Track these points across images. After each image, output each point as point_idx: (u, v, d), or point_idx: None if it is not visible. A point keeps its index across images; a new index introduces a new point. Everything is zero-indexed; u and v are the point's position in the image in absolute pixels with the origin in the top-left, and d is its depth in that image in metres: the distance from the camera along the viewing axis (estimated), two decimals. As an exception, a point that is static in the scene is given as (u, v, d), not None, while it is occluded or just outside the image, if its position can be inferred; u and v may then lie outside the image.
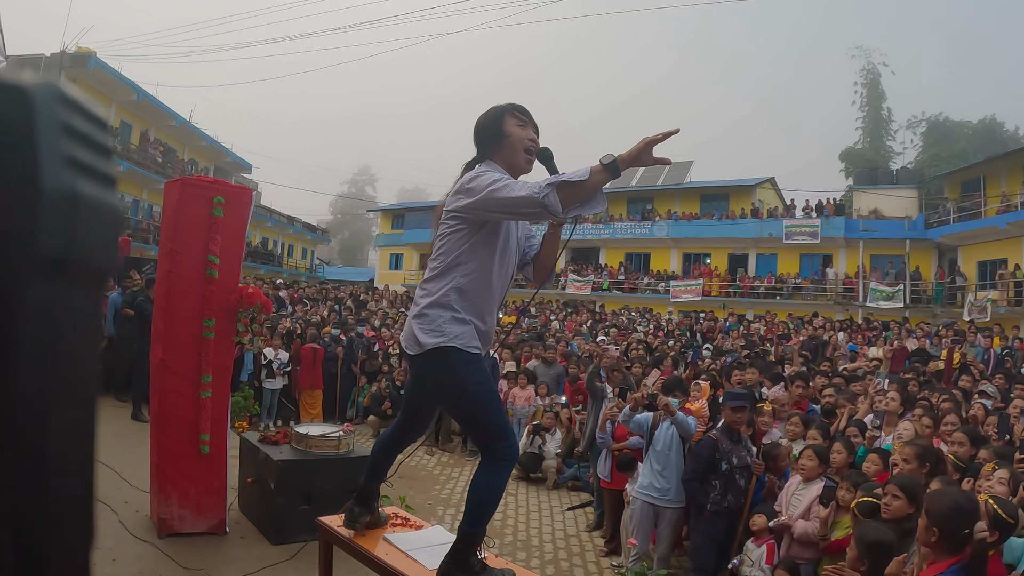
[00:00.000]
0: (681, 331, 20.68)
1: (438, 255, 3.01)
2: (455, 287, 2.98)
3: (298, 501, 6.25)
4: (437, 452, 12.06)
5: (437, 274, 3.00)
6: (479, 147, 3.16)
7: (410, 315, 3.07)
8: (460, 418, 3.24)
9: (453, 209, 2.96)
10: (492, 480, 3.05)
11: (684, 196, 38.28)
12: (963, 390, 9.19)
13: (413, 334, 2.98)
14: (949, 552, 3.12)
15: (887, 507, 4.21)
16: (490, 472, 3.05)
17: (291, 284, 28.62)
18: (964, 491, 3.35)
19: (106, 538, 5.74)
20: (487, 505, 3.09)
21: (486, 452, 3.08)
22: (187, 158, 37.00)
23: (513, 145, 3.12)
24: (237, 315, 6.31)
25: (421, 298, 3.02)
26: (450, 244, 2.98)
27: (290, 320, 15.94)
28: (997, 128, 49.04)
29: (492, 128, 3.14)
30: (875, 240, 30.98)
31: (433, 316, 2.96)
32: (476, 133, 3.18)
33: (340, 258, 76.58)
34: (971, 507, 3.15)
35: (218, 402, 6.24)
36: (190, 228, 6.07)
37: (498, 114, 3.16)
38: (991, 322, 20.40)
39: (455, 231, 2.97)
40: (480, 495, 3.06)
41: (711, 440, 6.22)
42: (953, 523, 3.12)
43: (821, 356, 14.83)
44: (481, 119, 3.19)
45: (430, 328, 2.95)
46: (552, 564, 7.36)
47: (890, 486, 4.31)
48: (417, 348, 2.96)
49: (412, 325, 3.01)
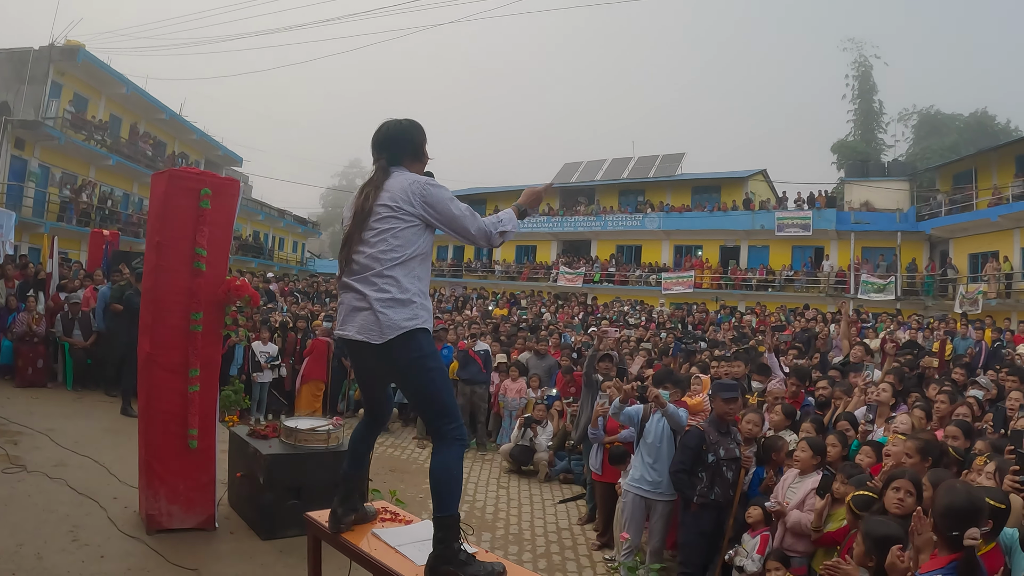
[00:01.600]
0: (673, 323, 20.66)
1: (395, 246, 3.26)
2: (418, 275, 3.32)
3: (287, 496, 6.20)
4: (428, 445, 12.00)
5: (401, 263, 3.25)
6: (396, 152, 3.48)
7: (376, 304, 3.21)
8: (419, 396, 3.37)
9: (416, 215, 3.29)
10: (448, 461, 3.24)
11: (676, 188, 38.29)
12: (955, 382, 9.15)
13: (381, 322, 3.19)
14: (949, 547, 3.09)
15: (900, 503, 4.16)
16: (444, 454, 3.25)
17: (282, 277, 28.53)
18: (969, 489, 3.28)
19: (95, 534, 5.71)
20: (450, 486, 3.23)
21: (438, 434, 3.28)
22: (177, 151, 36.79)
23: (424, 164, 3.59)
24: (225, 308, 6.24)
25: (389, 285, 3.22)
26: (408, 237, 3.28)
27: (279, 313, 15.87)
28: (988, 121, 49.09)
29: (418, 146, 3.56)
30: (867, 232, 30.97)
31: (415, 302, 3.25)
32: (400, 141, 3.51)
33: (331, 251, 76.38)
34: (970, 508, 3.10)
35: (206, 396, 6.18)
36: (177, 220, 6.00)
37: (423, 136, 3.59)
38: (983, 314, 20.42)
39: (412, 227, 3.29)
40: (441, 478, 3.21)
41: (698, 431, 6.21)
42: (949, 522, 3.08)
43: (813, 349, 14.79)
44: (409, 132, 3.55)
45: (410, 314, 3.22)
46: (544, 558, 7.33)
47: (903, 480, 4.25)
48: (389, 334, 3.18)
49: (383, 312, 3.19)
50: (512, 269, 39.49)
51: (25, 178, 25.65)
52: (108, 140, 29.84)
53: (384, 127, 3.55)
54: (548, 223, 39.57)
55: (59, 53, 26.99)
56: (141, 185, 31.54)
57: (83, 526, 5.83)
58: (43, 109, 26.41)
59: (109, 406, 10.76)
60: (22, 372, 11.74)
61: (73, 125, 27.48)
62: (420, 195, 3.28)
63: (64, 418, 9.58)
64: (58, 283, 13.53)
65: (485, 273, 40.82)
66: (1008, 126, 47.75)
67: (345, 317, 3.36)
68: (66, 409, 10.32)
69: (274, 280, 24.44)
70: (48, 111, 26.60)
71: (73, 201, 26.92)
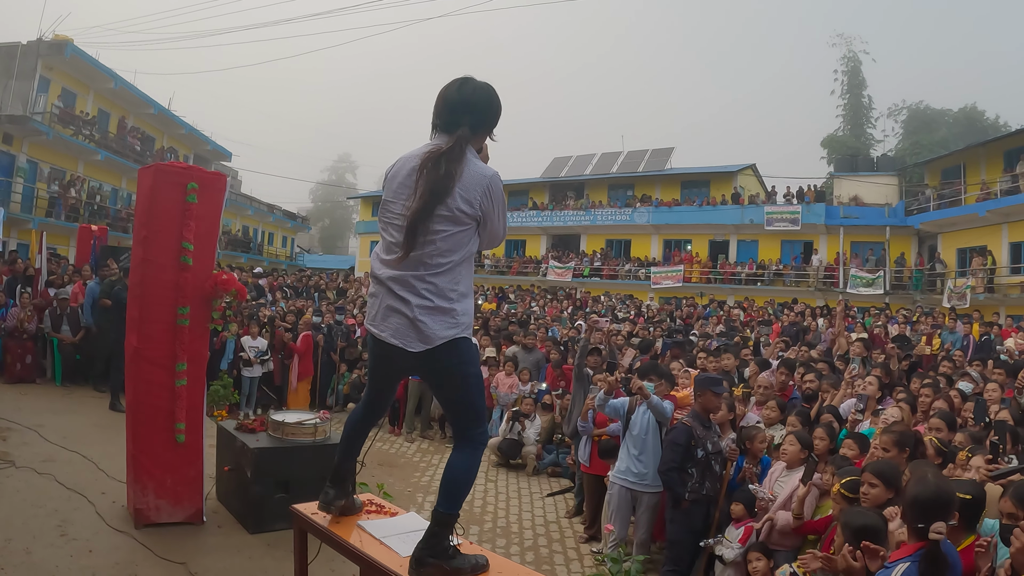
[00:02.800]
0: (662, 317, 20.69)
1: (443, 250, 2.93)
2: (462, 279, 3.01)
3: (275, 489, 6.21)
4: (417, 439, 12.04)
5: (449, 269, 2.96)
6: (475, 123, 3.02)
7: (417, 311, 2.93)
8: (454, 402, 3.16)
9: (474, 217, 2.94)
10: (470, 463, 3.10)
11: (665, 182, 38.31)
12: (945, 375, 9.22)
13: (420, 330, 2.93)
14: (917, 535, 3.12)
15: (865, 496, 4.22)
16: (468, 456, 3.10)
17: (271, 272, 28.48)
18: (939, 482, 3.30)
19: (83, 529, 5.71)
20: (464, 487, 3.13)
21: (465, 436, 3.12)
22: (166, 146, 36.68)
23: (488, 143, 3.19)
24: (212, 302, 6.24)
25: (430, 293, 2.93)
26: (460, 240, 2.95)
27: (268, 308, 15.84)
28: (978, 116, 49.22)
29: (494, 117, 3.11)
30: (855, 227, 31.10)
31: (459, 310, 2.98)
32: (477, 109, 3.04)
33: (321, 246, 76.26)
34: (938, 501, 3.11)
35: (194, 390, 6.17)
36: (164, 215, 5.99)
37: (500, 107, 3.11)
38: (971, 309, 20.52)
39: (465, 230, 2.95)
40: (459, 477, 3.10)
41: (685, 427, 6.14)
42: (915, 513, 3.12)
43: (801, 342, 14.85)
44: (487, 97, 3.07)
45: (453, 322, 2.95)
46: (532, 551, 7.36)
47: (865, 474, 4.32)
48: (427, 344, 2.93)
49: (422, 320, 2.92)
50: (502, 263, 39.45)
51: (13, 174, 25.55)
52: (96, 135, 29.74)
53: (469, 86, 3.04)
54: (537, 217, 39.59)
55: (47, 48, 26.86)
56: (130, 180, 31.38)
57: (71, 521, 5.83)
58: (31, 104, 26.29)
59: (98, 401, 10.75)
60: (10, 368, 11.71)
61: (61, 120, 27.37)
62: (487, 190, 2.93)
63: (53, 414, 9.57)
64: (46, 279, 13.50)
65: (475, 267, 40.68)
66: (997, 121, 47.89)
67: (379, 314, 3.06)
68: (55, 405, 10.30)
69: (263, 275, 24.36)
70: (36, 106, 26.49)
71: (61, 196, 26.81)
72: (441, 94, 3.07)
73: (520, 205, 41.18)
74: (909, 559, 3.05)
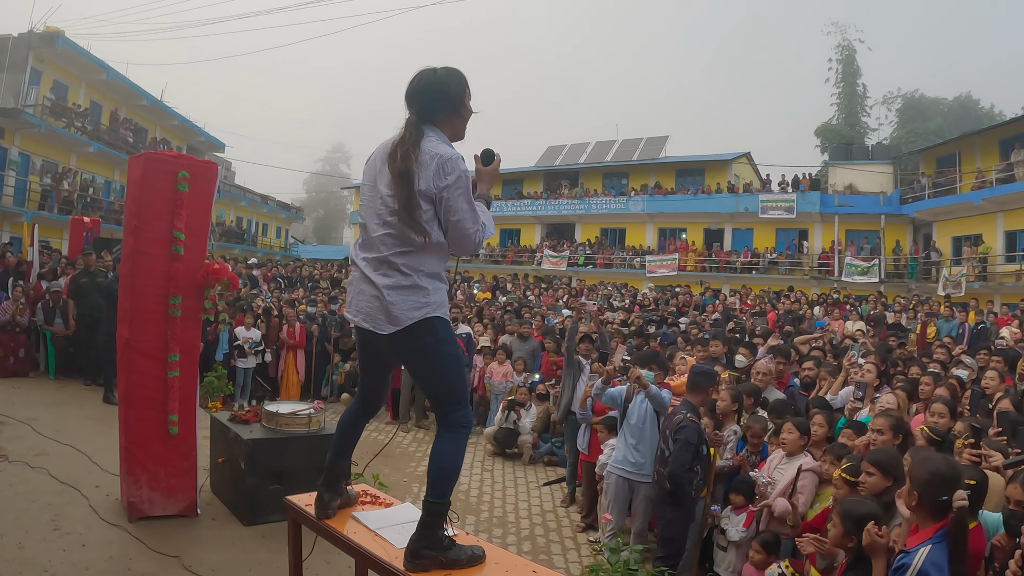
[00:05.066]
0: (657, 305, 20.67)
1: (420, 233, 2.95)
2: (435, 262, 3.06)
3: (269, 480, 6.16)
4: (412, 429, 12.01)
5: (418, 250, 2.99)
6: (431, 108, 3.09)
7: (384, 291, 2.98)
8: (432, 383, 3.15)
9: (427, 195, 2.95)
10: (455, 447, 3.11)
11: (660, 171, 38.29)
12: (940, 362, 9.20)
13: (390, 311, 2.97)
14: (932, 518, 3.11)
15: (863, 484, 4.21)
16: (451, 440, 3.11)
17: (265, 263, 28.42)
18: (947, 457, 3.33)
19: (76, 523, 5.65)
20: (451, 474, 3.12)
21: (446, 420, 3.14)
22: (159, 137, 36.53)
23: (465, 120, 3.20)
24: (204, 292, 6.19)
25: (400, 274, 2.98)
26: (427, 221, 2.97)
27: (263, 299, 15.79)
28: (972, 105, 49.36)
29: (457, 96, 3.12)
30: (850, 215, 31.15)
31: (431, 289, 3.01)
32: (431, 94, 3.10)
33: (315, 236, 76.14)
34: (952, 474, 3.15)
35: (186, 381, 6.11)
36: (154, 204, 5.91)
37: (464, 84, 3.15)
38: (966, 297, 20.55)
39: (429, 210, 2.98)
40: (444, 463, 3.09)
41: (695, 425, 5.89)
42: (934, 489, 3.11)
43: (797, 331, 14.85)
44: (443, 80, 3.12)
45: (424, 302, 2.98)
46: (528, 540, 7.34)
47: (863, 463, 4.31)
48: (396, 324, 2.96)
49: (394, 300, 2.97)
50: (496, 253, 39.39)
51: (5, 166, 25.44)
52: (89, 127, 29.62)
53: (417, 77, 3.13)
54: (532, 206, 39.57)
55: (38, 40, 26.71)
56: (122, 172, 31.16)
57: (65, 515, 5.78)
58: (23, 96, 26.17)
59: (91, 394, 10.69)
60: (3, 361, 11.63)
61: (53, 112, 27.26)
62: (439, 168, 2.93)
63: (46, 407, 9.51)
64: (39, 271, 13.43)
65: (469, 257, 40.75)
66: (992, 110, 48.05)
67: (353, 298, 3.14)
68: (48, 398, 10.25)
69: (257, 266, 24.28)
70: (28, 98, 26.39)
71: (54, 189, 26.68)
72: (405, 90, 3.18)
73: (514, 194, 41.13)
74: (930, 541, 3.03)
